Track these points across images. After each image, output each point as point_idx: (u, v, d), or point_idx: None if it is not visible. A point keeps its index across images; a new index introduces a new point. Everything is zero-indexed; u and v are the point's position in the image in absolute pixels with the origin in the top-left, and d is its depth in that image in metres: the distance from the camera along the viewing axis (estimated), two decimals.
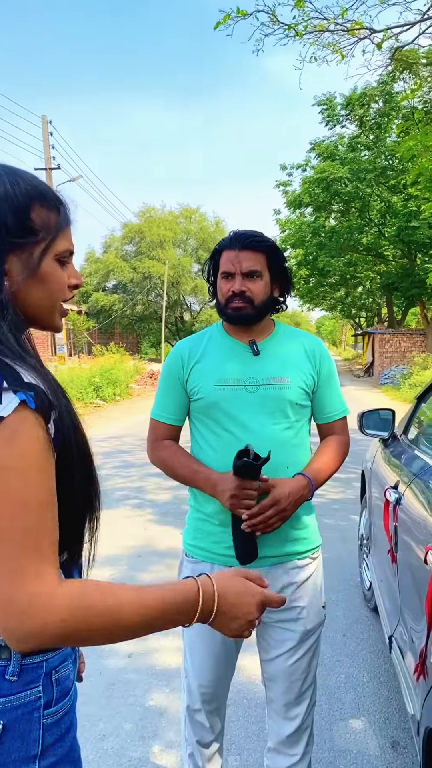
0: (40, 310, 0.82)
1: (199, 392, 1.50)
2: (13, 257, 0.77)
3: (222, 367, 1.50)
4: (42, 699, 0.77)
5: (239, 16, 5.73)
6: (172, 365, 1.56)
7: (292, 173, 23.16)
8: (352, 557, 3.96)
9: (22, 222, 0.77)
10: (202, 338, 1.59)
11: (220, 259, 1.50)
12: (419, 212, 15.39)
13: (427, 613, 1.44)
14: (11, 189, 0.77)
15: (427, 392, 2.79)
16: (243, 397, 1.48)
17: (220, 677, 1.59)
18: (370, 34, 6.45)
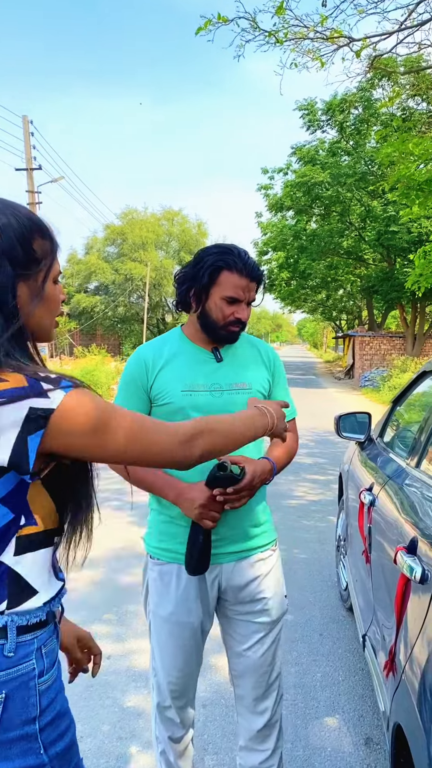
0: (40, 327, 0.94)
1: (166, 397, 1.54)
2: (22, 285, 0.89)
3: (188, 374, 1.55)
4: (36, 670, 0.89)
5: (220, 22, 5.78)
6: (135, 371, 1.57)
7: (273, 177, 23.31)
8: (330, 558, 4.02)
9: (28, 253, 0.89)
10: (163, 344, 1.61)
11: (220, 278, 1.49)
12: (398, 217, 15.61)
13: (396, 612, 1.49)
14: (16, 224, 0.88)
15: (403, 395, 2.85)
16: (209, 402, 1.54)
17: (189, 673, 1.62)
18: (349, 43, 6.54)
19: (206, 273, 1.50)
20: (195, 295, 1.53)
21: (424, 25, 6.37)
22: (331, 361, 41.54)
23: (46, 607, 0.91)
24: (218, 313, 1.51)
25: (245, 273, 1.50)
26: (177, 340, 1.62)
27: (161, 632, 1.60)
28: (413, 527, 1.58)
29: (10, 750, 0.84)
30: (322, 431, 9.35)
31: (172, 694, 1.62)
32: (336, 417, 3.05)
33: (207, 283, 1.50)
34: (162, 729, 1.67)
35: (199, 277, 1.50)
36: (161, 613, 1.58)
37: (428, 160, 8.66)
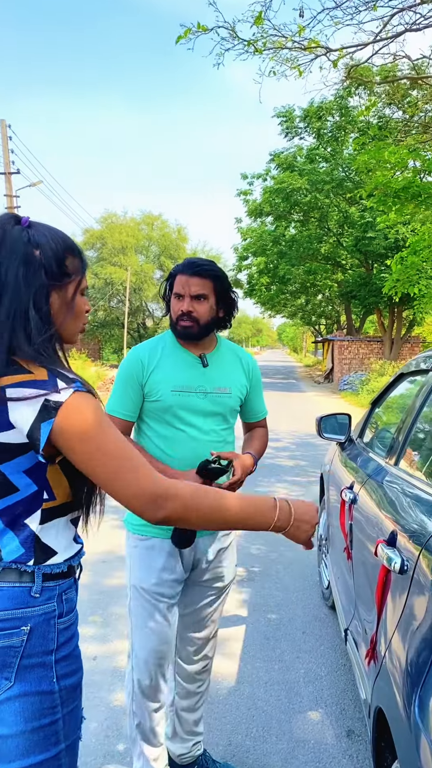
0: (68, 332, 1.11)
1: (157, 395, 1.72)
2: (55, 294, 1.06)
3: (178, 375, 1.74)
4: (56, 611, 1.05)
5: (200, 31, 5.86)
6: (132, 367, 1.74)
7: (252, 182, 23.52)
8: (312, 558, 4.09)
9: (61, 267, 1.06)
10: (157, 345, 1.79)
11: (174, 282, 1.73)
12: (375, 223, 15.87)
13: (377, 603, 1.55)
14: (53, 243, 1.06)
15: (381, 397, 2.93)
16: (194, 402, 1.74)
17: (168, 643, 1.79)
18: (326, 52, 6.68)
19: (167, 282, 1.76)
20: (167, 303, 1.77)
21: (398, 37, 6.54)
22: (310, 366, 41.88)
23: (66, 563, 1.08)
24: (172, 311, 1.75)
25: (185, 271, 1.71)
26: (170, 343, 1.79)
27: (144, 605, 1.75)
28: (393, 522, 1.65)
29: (29, 674, 1.00)
30: (302, 434, 9.45)
31: (152, 668, 1.76)
32: (317, 418, 3.12)
33: (167, 289, 1.77)
34: (141, 703, 1.79)
35: (165, 287, 1.77)
36: (144, 585, 1.74)
37: (404, 167, 8.86)
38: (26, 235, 1.03)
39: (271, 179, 22.58)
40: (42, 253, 1.04)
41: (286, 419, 11.52)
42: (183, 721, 1.95)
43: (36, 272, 1.02)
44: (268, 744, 2.20)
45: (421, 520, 1.47)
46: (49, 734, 1.02)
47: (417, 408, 2.03)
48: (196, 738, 1.97)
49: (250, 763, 2.09)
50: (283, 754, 2.13)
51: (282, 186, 20.71)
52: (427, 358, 2.19)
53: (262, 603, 3.40)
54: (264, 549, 4.32)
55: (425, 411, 2.01)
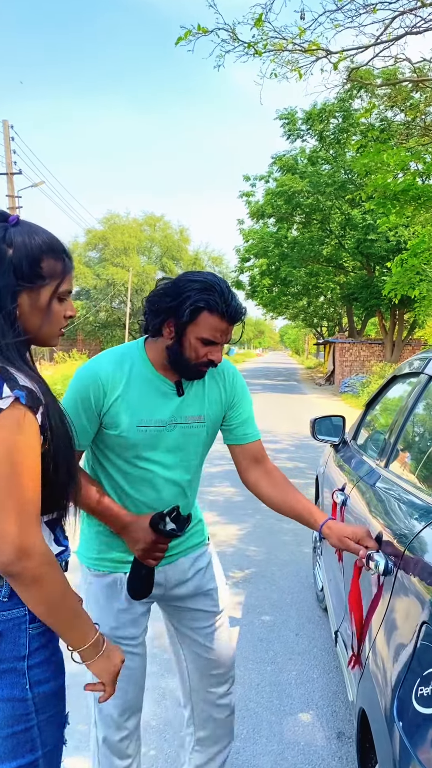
0: (43, 336, 1.08)
1: (118, 429, 1.43)
2: (24, 295, 1.03)
3: (146, 407, 1.44)
4: (27, 616, 1.02)
5: (200, 33, 5.88)
6: (90, 391, 1.40)
7: (255, 184, 23.55)
8: (307, 560, 4.09)
9: (34, 269, 1.02)
10: (123, 363, 1.45)
11: (199, 318, 1.37)
12: (376, 226, 15.88)
13: (361, 603, 1.55)
14: (28, 242, 1.02)
15: (375, 399, 2.93)
16: (162, 437, 1.47)
17: (138, 691, 1.60)
18: (327, 55, 6.69)
19: (188, 311, 1.36)
20: (171, 329, 1.40)
21: (398, 39, 6.55)
22: (312, 368, 41.88)
23: None
24: (191, 353, 1.40)
25: (226, 317, 1.39)
26: (140, 363, 1.46)
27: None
28: (379, 523, 1.65)
29: (2, 680, 0.98)
30: (302, 436, 9.45)
31: (120, 720, 1.55)
32: (311, 420, 3.11)
33: (186, 321, 1.37)
34: (109, 763, 1.58)
35: (179, 313, 1.37)
36: (103, 630, 1.43)
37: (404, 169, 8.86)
38: (2, 233, 1.01)
39: (273, 181, 22.60)
40: (15, 252, 1.01)
41: (287, 421, 11.52)
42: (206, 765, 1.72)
43: (6, 270, 0.99)
44: (258, 745, 2.19)
45: (407, 521, 1.47)
46: (23, 741, 1.00)
47: (408, 410, 2.03)
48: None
49: (239, 764, 2.09)
50: (273, 756, 2.13)
51: (284, 188, 20.73)
52: (418, 360, 2.19)
53: (256, 604, 3.40)
54: (260, 551, 4.32)
55: (416, 413, 2.01)
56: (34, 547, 0.95)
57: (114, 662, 1.11)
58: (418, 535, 1.31)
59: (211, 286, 1.37)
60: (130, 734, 1.60)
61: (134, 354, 1.47)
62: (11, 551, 0.93)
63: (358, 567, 1.57)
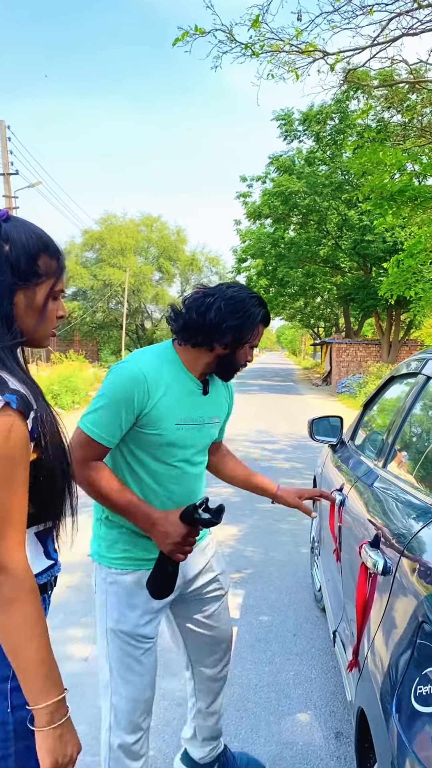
0: (37, 336, 1.03)
1: (158, 428, 1.49)
2: (20, 293, 0.98)
3: (184, 407, 1.54)
4: None
5: (197, 34, 5.89)
6: (135, 392, 1.45)
7: (252, 185, 23.57)
8: (305, 560, 4.09)
9: (31, 267, 0.98)
10: (162, 365, 1.52)
11: (254, 332, 1.55)
12: (373, 226, 15.92)
13: (361, 603, 1.55)
14: (25, 240, 0.98)
15: (373, 400, 2.94)
16: (194, 435, 1.58)
17: (153, 692, 1.64)
18: (323, 56, 6.71)
19: (254, 327, 1.54)
20: (229, 341, 1.52)
21: (395, 41, 6.57)
22: (309, 368, 41.92)
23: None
24: (242, 358, 1.58)
25: (268, 322, 1.60)
26: (174, 365, 1.55)
27: (126, 650, 1.56)
28: (378, 523, 1.65)
29: None
30: (299, 436, 9.46)
31: (138, 721, 1.58)
32: (309, 421, 3.12)
33: (251, 336, 1.55)
34: (122, 766, 1.59)
35: (246, 328, 1.52)
36: (126, 628, 1.54)
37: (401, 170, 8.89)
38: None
39: (270, 182, 22.63)
40: (12, 248, 0.96)
41: (283, 421, 11.53)
42: (203, 728, 1.88)
43: (1, 268, 0.95)
44: (257, 746, 2.20)
45: (405, 522, 1.48)
46: None
47: (405, 410, 2.04)
48: (216, 742, 1.92)
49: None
50: (271, 756, 2.14)
51: (281, 189, 20.76)
52: (416, 361, 2.20)
53: (254, 605, 3.40)
54: (257, 551, 4.32)
55: (413, 413, 2.02)
56: (11, 563, 0.87)
57: (64, 750, 0.90)
58: (417, 534, 1.32)
59: (262, 300, 1.58)
60: (144, 734, 1.62)
61: (168, 356, 1.56)
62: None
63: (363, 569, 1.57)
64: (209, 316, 1.49)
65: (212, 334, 1.50)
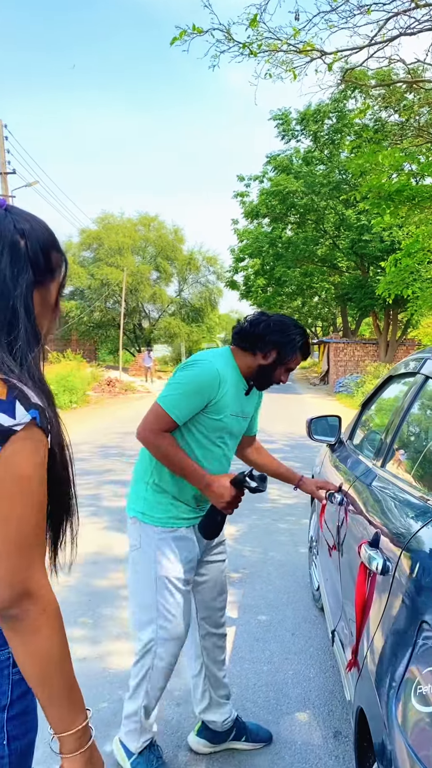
0: (46, 332, 0.97)
1: (219, 415, 1.88)
2: (37, 292, 0.91)
3: (237, 401, 1.94)
4: (11, 659, 0.89)
5: (195, 33, 5.88)
6: (211, 384, 1.82)
7: (249, 184, 23.57)
8: (303, 560, 4.10)
9: (47, 262, 0.92)
10: (227, 366, 1.90)
11: (295, 356, 1.95)
12: (371, 226, 15.93)
13: (360, 602, 1.56)
14: (39, 234, 0.90)
15: (371, 399, 2.94)
16: (238, 424, 1.99)
17: (186, 630, 1.99)
18: (321, 55, 6.71)
19: (292, 351, 1.94)
20: (274, 356, 1.93)
21: (393, 40, 6.57)
22: (306, 367, 41.93)
23: None
24: (278, 376, 1.99)
25: (306, 356, 2.01)
26: (234, 368, 1.94)
27: (173, 593, 1.91)
28: (377, 523, 1.65)
29: None
30: (297, 436, 9.47)
31: (177, 650, 1.96)
32: (308, 420, 3.12)
33: (290, 358, 1.95)
34: (156, 684, 1.94)
35: (286, 350, 1.93)
36: (174, 575, 1.90)
37: (398, 170, 8.89)
38: (11, 220, 0.88)
39: (268, 181, 22.63)
40: (28, 243, 0.88)
41: (281, 421, 11.54)
42: (215, 684, 2.13)
43: (24, 266, 0.88)
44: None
45: (404, 521, 1.48)
46: None
47: (404, 410, 2.04)
48: (229, 703, 2.16)
49: (236, 763, 2.10)
50: (269, 755, 2.14)
51: (278, 188, 20.77)
52: (414, 361, 2.20)
53: (252, 604, 3.40)
54: (256, 551, 4.33)
55: (412, 413, 2.02)
56: (40, 589, 0.82)
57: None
58: (416, 534, 1.32)
59: (305, 333, 1.98)
60: (176, 660, 1.98)
61: (230, 360, 1.94)
62: (15, 591, 0.80)
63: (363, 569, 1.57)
64: (258, 328, 1.91)
65: (256, 342, 1.91)
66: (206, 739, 2.14)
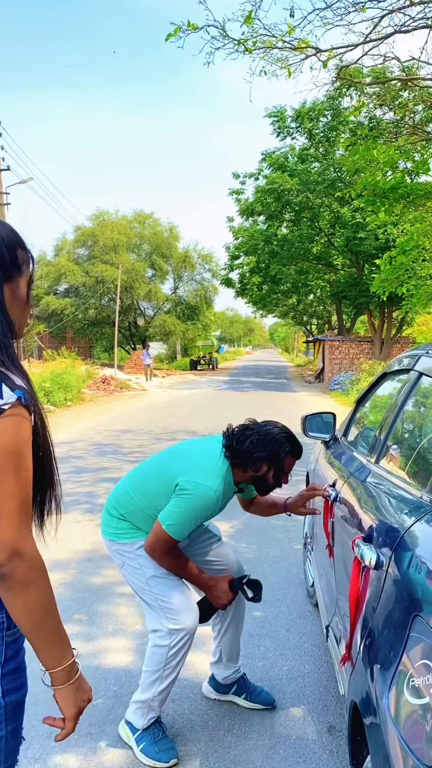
0: (20, 327, 1.07)
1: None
2: (6, 287, 1.01)
3: (225, 498, 2.13)
4: (5, 623, 1.00)
5: (190, 30, 5.86)
6: (210, 507, 2.01)
7: (245, 181, 23.53)
8: (298, 556, 4.11)
9: (13, 259, 1.02)
10: (225, 486, 2.05)
11: (287, 460, 2.10)
12: (365, 224, 15.95)
13: (354, 597, 1.56)
14: (4, 235, 1.02)
15: (365, 396, 2.95)
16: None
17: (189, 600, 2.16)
18: (316, 53, 6.70)
19: (283, 457, 2.08)
20: (267, 467, 2.08)
21: (387, 38, 6.57)
22: (302, 365, 42.01)
23: None
24: (276, 482, 2.13)
25: (299, 456, 2.14)
26: (229, 484, 2.09)
27: (168, 583, 2.08)
28: (370, 519, 1.66)
29: None
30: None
31: (190, 636, 2.09)
32: (302, 417, 3.13)
33: (282, 464, 2.09)
34: (176, 665, 2.08)
35: (277, 458, 2.07)
36: (162, 571, 2.07)
37: (393, 167, 8.91)
38: None
39: (263, 179, 22.60)
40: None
41: (277, 418, 11.52)
42: (228, 651, 2.37)
43: None
44: (250, 740, 2.21)
45: (398, 516, 1.49)
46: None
47: (398, 407, 2.05)
48: (236, 665, 2.41)
49: (231, 758, 2.10)
50: (264, 750, 2.15)
51: (274, 186, 20.75)
52: (408, 358, 2.21)
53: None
54: (251, 548, 4.34)
55: (405, 410, 2.03)
56: (27, 548, 0.94)
57: (82, 696, 1.05)
58: (409, 529, 1.33)
59: (292, 439, 2.12)
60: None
61: (227, 477, 2.07)
62: (5, 551, 0.92)
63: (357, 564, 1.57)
64: (244, 446, 2.03)
65: (245, 460, 2.05)
66: (212, 686, 2.46)
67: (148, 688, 2.10)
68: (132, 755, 2.09)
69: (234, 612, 2.33)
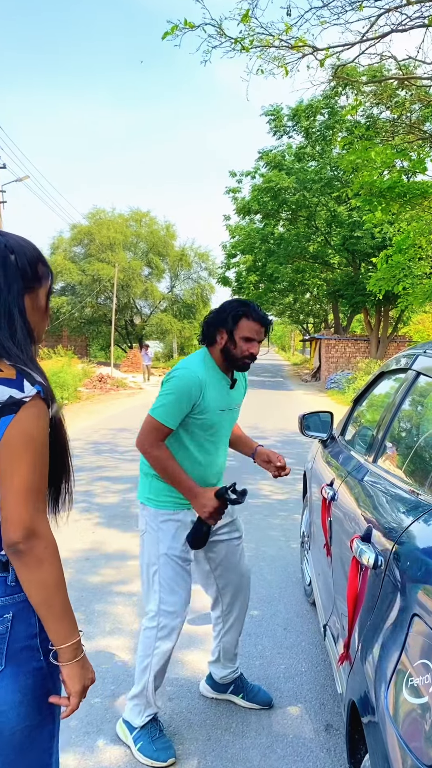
0: (38, 333, 1.18)
1: (204, 414, 2.04)
2: (27, 297, 1.13)
3: (220, 397, 2.09)
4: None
5: (187, 28, 5.85)
6: (191, 387, 1.99)
7: (241, 180, 23.52)
8: (295, 555, 4.12)
9: (34, 273, 1.15)
10: (206, 369, 2.06)
11: (240, 323, 2.04)
12: (362, 223, 15.96)
13: (352, 596, 1.57)
14: (26, 250, 1.14)
15: (363, 395, 2.96)
16: (227, 419, 2.15)
17: (187, 603, 2.17)
18: (313, 51, 6.70)
19: (230, 318, 2.04)
20: (224, 335, 2.05)
21: (384, 37, 6.58)
22: (298, 364, 42.05)
23: None
24: (238, 350, 2.06)
25: (258, 320, 2.06)
26: (210, 366, 2.09)
27: (175, 569, 2.11)
28: (369, 518, 1.67)
29: (19, 656, 1.08)
30: (289, 432, 9.49)
31: (181, 617, 2.13)
32: (300, 416, 3.13)
33: (231, 326, 2.04)
34: (162, 657, 2.09)
35: (226, 322, 2.04)
36: (175, 553, 2.10)
37: (390, 167, 8.91)
38: (2, 241, 1.11)
39: (260, 177, 22.60)
40: (17, 257, 1.11)
41: (273, 417, 11.56)
42: (226, 652, 2.37)
43: (14, 275, 1.10)
44: (248, 739, 2.21)
45: (396, 516, 1.49)
46: (44, 702, 1.10)
47: (395, 406, 2.05)
48: (233, 666, 2.41)
49: (228, 757, 2.11)
50: (261, 749, 2.15)
51: (270, 184, 20.75)
52: (405, 357, 2.21)
53: None
54: (248, 546, 4.33)
55: (403, 409, 2.03)
56: (43, 528, 1.04)
57: (87, 674, 1.14)
58: (408, 529, 1.33)
59: (244, 302, 2.09)
60: (179, 629, 2.15)
61: (207, 360, 2.10)
62: (23, 530, 1.01)
63: (355, 563, 1.58)
64: (207, 319, 2.10)
65: (207, 333, 2.08)
66: (209, 685, 2.46)
67: (140, 677, 2.12)
68: (130, 754, 2.10)
69: (237, 613, 2.35)
